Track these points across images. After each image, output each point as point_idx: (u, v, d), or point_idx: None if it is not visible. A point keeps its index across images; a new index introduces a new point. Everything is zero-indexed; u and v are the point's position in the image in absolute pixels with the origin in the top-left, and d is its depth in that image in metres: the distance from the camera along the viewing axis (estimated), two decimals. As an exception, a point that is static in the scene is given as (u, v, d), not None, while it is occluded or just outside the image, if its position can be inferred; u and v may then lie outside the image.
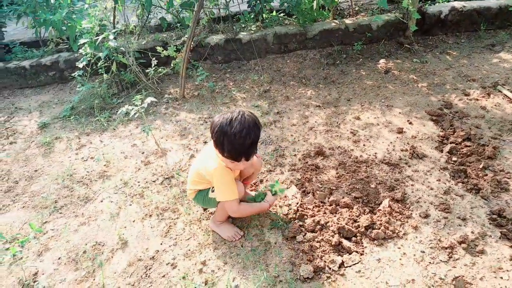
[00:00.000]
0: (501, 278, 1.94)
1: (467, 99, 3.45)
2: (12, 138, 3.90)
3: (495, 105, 3.29)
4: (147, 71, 4.25)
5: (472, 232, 2.19)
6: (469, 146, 2.82)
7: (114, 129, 3.79)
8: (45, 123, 4.07)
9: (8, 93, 4.92)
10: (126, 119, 3.91)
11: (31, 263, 2.44)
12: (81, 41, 3.99)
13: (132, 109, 3.06)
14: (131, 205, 2.80)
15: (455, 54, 4.29)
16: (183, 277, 2.18)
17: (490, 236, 2.17)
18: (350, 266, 2.10)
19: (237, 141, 1.99)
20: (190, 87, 4.38)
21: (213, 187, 2.27)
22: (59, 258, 2.45)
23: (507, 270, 1.96)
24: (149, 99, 3.07)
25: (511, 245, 2.10)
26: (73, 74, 4.22)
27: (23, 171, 3.37)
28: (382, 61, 4.30)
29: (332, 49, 4.68)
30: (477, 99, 3.42)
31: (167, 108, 4.05)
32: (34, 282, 2.32)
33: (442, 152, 2.86)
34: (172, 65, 4.29)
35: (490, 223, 2.24)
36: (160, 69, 4.26)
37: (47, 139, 3.73)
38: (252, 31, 4.75)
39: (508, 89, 3.45)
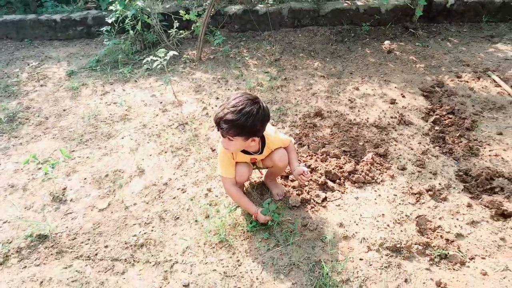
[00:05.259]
0: (457, 219, 2.31)
1: (458, 80, 3.77)
2: (43, 81, 4.30)
3: (482, 88, 3.61)
4: (168, 31, 4.59)
5: (440, 184, 2.56)
6: (451, 118, 3.17)
7: (136, 81, 4.17)
8: (73, 71, 4.46)
9: (38, 43, 5.31)
10: (147, 73, 4.28)
11: (61, 180, 2.86)
12: (112, -2, 4.34)
13: (156, 60, 3.43)
14: (148, 142, 3.19)
15: (455, 42, 4.58)
16: (191, 199, 2.59)
17: (454, 188, 2.54)
18: (332, 200, 2.49)
19: (256, 113, 1.99)
20: (206, 51, 4.74)
21: None
22: (84, 179, 2.87)
23: (463, 214, 2.34)
24: (171, 53, 3.43)
25: (470, 197, 2.46)
26: (101, 29, 4.58)
27: (52, 110, 3.77)
28: (386, 42, 4.60)
29: (342, 27, 4.98)
30: (467, 81, 3.74)
31: (184, 67, 4.41)
32: (63, 195, 2.74)
33: (427, 122, 3.21)
34: (192, 28, 4.63)
35: (456, 179, 2.61)
36: (181, 31, 4.60)
37: (74, 85, 4.12)
38: (269, 4, 5.06)
39: (497, 75, 3.76)
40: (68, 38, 5.36)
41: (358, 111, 3.41)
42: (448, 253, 2.08)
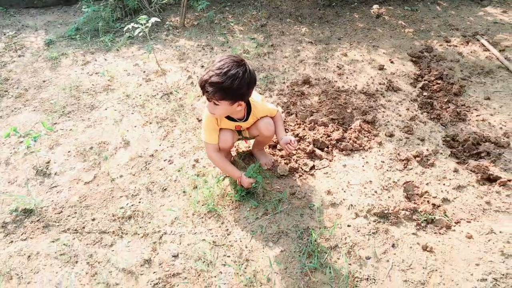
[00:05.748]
0: (444, 184, 2.33)
1: (447, 45, 3.73)
2: (20, 51, 4.13)
3: (471, 52, 3.58)
4: (150, -3, 4.43)
5: (427, 150, 2.57)
6: (440, 83, 3.15)
7: (118, 50, 4.03)
8: (51, 40, 4.28)
9: (14, 12, 5.06)
10: (129, 42, 4.14)
11: (44, 154, 2.79)
12: (88, -39, 4.12)
13: (138, 27, 3.30)
14: (133, 113, 3.12)
15: (444, 5, 4.51)
16: (178, 170, 2.55)
17: (441, 153, 2.55)
18: (320, 169, 2.48)
19: (242, 75, 1.93)
20: (190, 17, 4.58)
21: None
22: (68, 152, 2.80)
23: (450, 179, 2.35)
24: (153, 19, 3.29)
25: (457, 162, 2.48)
26: (79, -5, 4.38)
27: (32, 81, 3.64)
28: (375, 6, 4.50)
29: (329, -9, 4.86)
30: (456, 46, 3.70)
31: (167, 35, 4.27)
32: (47, 168, 2.68)
33: (415, 88, 3.19)
34: (174, -7, 4.46)
35: (443, 144, 2.62)
36: (163, -3, 4.44)
37: (54, 54, 3.97)
38: (254, -32, 4.89)
39: (486, 39, 3.72)
40: (45, 5, 5.13)
41: (346, 78, 3.36)
42: (435, 217, 2.11)
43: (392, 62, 3.53)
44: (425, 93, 3.09)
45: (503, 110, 2.86)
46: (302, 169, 2.47)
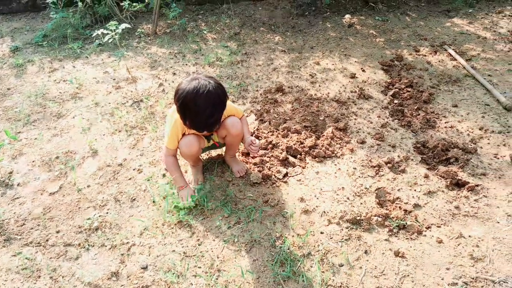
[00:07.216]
0: (415, 190, 2.35)
1: (416, 54, 3.82)
2: (-16, 58, 3.97)
3: (439, 61, 3.68)
4: (121, 4, 4.34)
5: (398, 156, 2.59)
6: (410, 91, 3.20)
7: (87, 57, 3.93)
8: (17, 47, 4.14)
9: (-22, 17, 4.89)
10: (99, 49, 4.04)
11: (6, 164, 2.66)
12: (57, -33, 4.02)
13: (107, 33, 3.22)
14: (101, 122, 3.03)
15: (413, 16, 4.63)
16: (148, 180, 2.48)
17: (412, 160, 2.57)
18: (293, 176, 2.47)
19: (199, 119, 2.00)
20: (162, 24, 4.53)
21: None
22: (33, 161, 2.69)
23: (420, 185, 2.38)
24: (123, 25, 3.23)
25: (427, 168, 2.51)
26: (47, 1, 4.26)
27: (-5, 89, 3.49)
28: (347, 16, 4.58)
29: (302, 1, 4.89)
30: (425, 55, 3.79)
31: (139, 42, 4.20)
32: (9, 179, 2.55)
33: (386, 95, 3.23)
34: (146, 0, 4.39)
35: (414, 151, 2.65)
36: (134, 4, 4.36)
37: (19, 61, 3.83)
38: (227, -24, 4.89)
39: (453, 49, 3.83)
40: (12, 11, 4.97)
41: (319, 86, 3.38)
42: (406, 223, 2.11)
43: (363, 70, 3.58)
44: (396, 101, 3.14)
45: (470, 117, 2.93)
46: (275, 177, 2.45)
